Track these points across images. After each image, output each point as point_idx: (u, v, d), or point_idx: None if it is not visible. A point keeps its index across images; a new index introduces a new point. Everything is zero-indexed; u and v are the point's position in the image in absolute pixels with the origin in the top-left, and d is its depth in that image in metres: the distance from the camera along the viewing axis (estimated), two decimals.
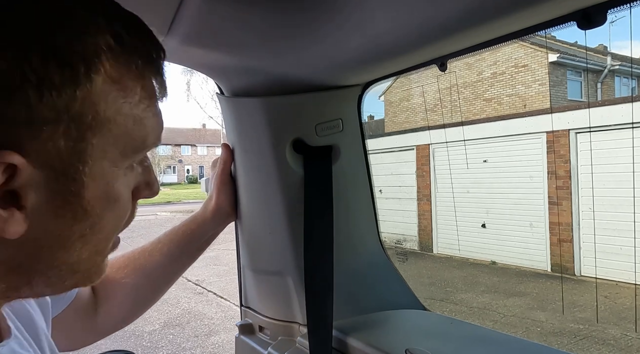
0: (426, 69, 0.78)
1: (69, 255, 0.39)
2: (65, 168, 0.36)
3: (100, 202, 0.39)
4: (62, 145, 0.35)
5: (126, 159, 0.41)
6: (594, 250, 7.31)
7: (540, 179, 8.45)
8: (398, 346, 0.83)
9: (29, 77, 0.32)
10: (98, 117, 0.37)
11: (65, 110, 0.34)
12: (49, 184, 0.35)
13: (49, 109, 0.34)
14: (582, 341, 5.25)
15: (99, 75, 0.36)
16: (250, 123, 0.89)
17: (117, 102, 0.38)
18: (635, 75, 14.63)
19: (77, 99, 0.35)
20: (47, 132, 0.34)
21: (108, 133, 0.38)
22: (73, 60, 0.35)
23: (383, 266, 1.06)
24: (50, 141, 0.34)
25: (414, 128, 12.79)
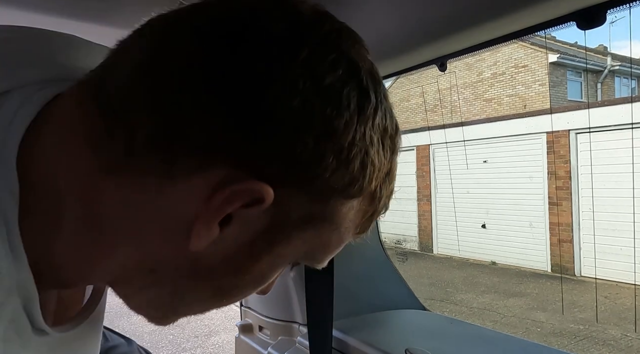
0: (426, 69, 0.79)
1: (197, 295, 0.36)
2: (279, 231, 0.34)
3: (261, 273, 0.36)
4: (300, 215, 0.33)
5: (311, 247, 0.37)
6: (594, 250, 7.31)
7: (540, 179, 8.45)
8: (398, 346, 0.83)
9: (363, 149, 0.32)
10: (323, 218, 0.35)
11: (338, 172, 0.32)
12: (255, 231, 0.33)
13: (341, 181, 0.32)
14: (582, 341, 5.24)
15: (377, 177, 0.36)
16: None
17: (343, 223, 0.36)
18: (635, 75, 14.63)
19: (331, 199, 0.33)
20: (316, 199, 0.33)
21: (312, 232, 0.35)
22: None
23: (383, 266, 1.06)
24: (300, 207, 0.33)
25: (414, 128, 12.79)
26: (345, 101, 0.31)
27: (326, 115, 0.30)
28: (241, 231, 0.32)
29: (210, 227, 0.31)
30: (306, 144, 0.30)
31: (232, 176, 0.29)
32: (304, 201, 0.32)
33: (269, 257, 0.35)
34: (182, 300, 0.36)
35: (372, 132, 0.33)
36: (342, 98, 0.31)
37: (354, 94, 0.32)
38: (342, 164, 0.31)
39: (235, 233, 0.32)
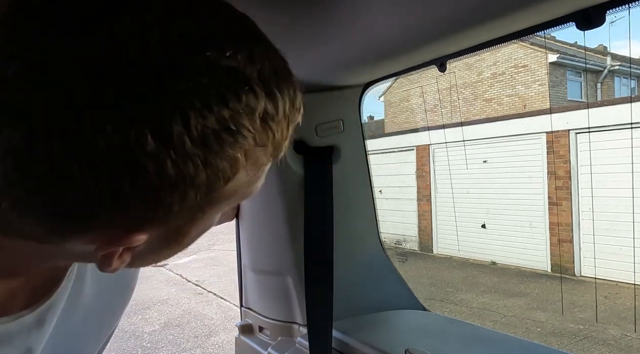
0: (426, 70, 0.79)
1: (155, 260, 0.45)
2: (179, 229, 0.40)
3: (197, 235, 0.44)
4: (182, 221, 0.39)
5: (234, 204, 0.43)
6: (594, 250, 7.31)
7: (540, 179, 8.45)
8: (398, 346, 0.83)
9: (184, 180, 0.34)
10: (223, 197, 0.38)
11: (202, 198, 0.35)
12: (159, 238, 0.39)
13: (187, 207, 0.35)
14: (582, 341, 5.24)
15: (245, 161, 0.36)
16: None
17: (245, 180, 0.39)
18: (635, 75, 14.63)
19: (216, 188, 0.36)
20: (178, 216, 0.37)
21: (225, 202, 0.40)
22: (225, 146, 0.34)
23: (383, 266, 1.06)
24: (175, 221, 0.38)
25: (414, 129, 12.79)
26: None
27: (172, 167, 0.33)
28: (147, 244, 0.38)
29: (111, 263, 0.38)
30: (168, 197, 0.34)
31: (109, 237, 0.36)
32: (190, 206, 0.36)
33: (190, 235, 0.42)
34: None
35: (209, 141, 0.33)
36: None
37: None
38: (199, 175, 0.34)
39: (143, 247, 0.39)
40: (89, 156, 0.30)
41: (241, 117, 0.34)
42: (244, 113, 0.34)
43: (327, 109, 0.88)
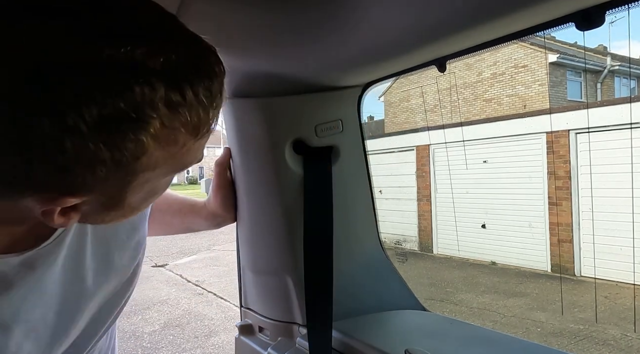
0: (426, 70, 0.79)
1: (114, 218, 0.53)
2: (113, 195, 0.47)
3: (141, 202, 0.51)
4: (112, 189, 0.45)
5: (168, 176, 0.50)
6: (594, 250, 7.31)
7: (540, 179, 8.45)
8: (397, 347, 0.83)
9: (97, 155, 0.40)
10: (143, 170, 0.44)
11: (115, 172, 0.42)
12: (100, 204, 0.47)
13: (103, 172, 0.42)
14: (582, 341, 5.24)
15: (151, 139, 0.41)
16: (250, 124, 0.89)
17: (167, 153, 0.45)
18: (635, 75, 14.63)
19: (123, 162, 0.42)
20: (99, 186, 0.43)
21: (150, 173, 0.46)
22: (125, 130, 0.40)
23: (383, 266, 1.06)
24: (103, 188, 0.44)
25: (413, 129, 12.79)
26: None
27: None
28: (90, 206, 0.47)
29: (52, 219, 0.45)
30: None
31: (45, 198, 0.43)
32: (107, 178, 0.43)
33: (130, 201, 0.49)
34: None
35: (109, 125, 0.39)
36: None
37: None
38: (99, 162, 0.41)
39: (87, 209, 0.47)
40: (9, 139, 0.38)
41: (140, 105, 0.39)
42: (142, 102, 0.39)
43: (327, 109, 0.88)
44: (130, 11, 0.41)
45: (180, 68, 0.41)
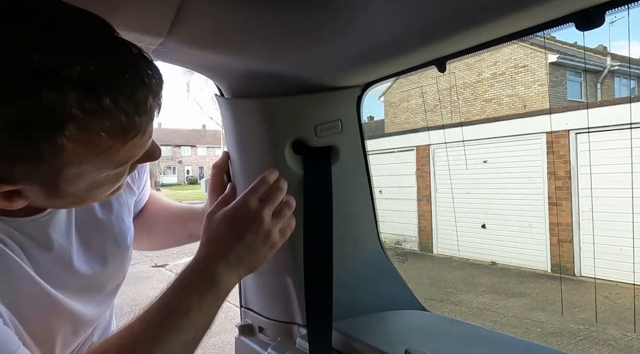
0: (426, 70, 0.79)
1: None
2: (47, 186, 0.50)
3: (82, 192, 0.54)
4: (43, 181, 0.49)
5: (106, 171, 0.53)
6: (594, 250, 7.31)
7: (540, 179, 8.45)
8: (397, 347, 0.83)
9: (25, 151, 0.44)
10: (67, 166, 0.48)
11: (36, 167, 0.46)
12: (40, 192, 0.51)
13: (22, 167, 0.46)
14: (582, 341, 5.24)
15: (68, 141, 0.44)
16: (250, 124, 0.89)
17: (89, 154, 0.48)
18: (635, 75, 14.63)
19: (43, 161, 0.45)
20: (25, 176, 0.48)
21: (78, 168, 0.49)
22: (40, 131, 0.43)
23: (383, 266, 1.06)
24: (32, 179, 0.48)
25: (414, 129, 12.79)
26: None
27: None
28: (33, 194, 0.51)
29: (5, 201, 0.50)
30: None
31: None
32: (32, 171, 0.47)
33: (69, 192, 0.52)
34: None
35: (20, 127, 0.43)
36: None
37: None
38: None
39: (32, 196, 0.51)
40: None
41: (51, 110, 0.42)
42: (53, 107, 0.42)
43: (326, 109, 0.88)
44: (59, 19, 0.44)
45: (100, 76, 0.44)
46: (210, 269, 0.65)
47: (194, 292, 0.63)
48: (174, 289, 0.63)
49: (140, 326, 0.59)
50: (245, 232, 0.68)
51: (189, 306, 0.61)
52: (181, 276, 0.65)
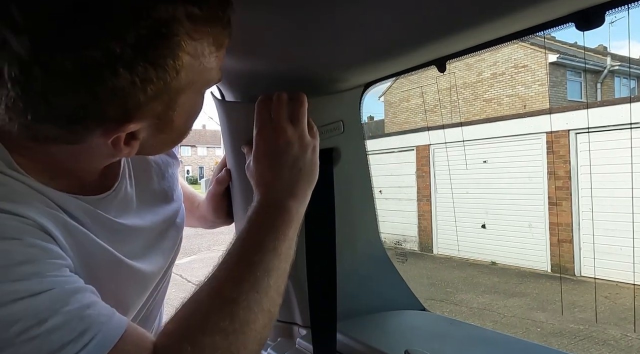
0: (426, 70, 0.79)
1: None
2: (162, 116, 0.52)
3: (185, 123, 0.57)
4: (160, 108, 0.50)
5: (200, 94, 0.57)
6: (594, 250, 7.31)
7: (540, 179, 8.45)
8: (397, 347, 0.83)
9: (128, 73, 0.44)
10: (184, 85, 0.50)
11: (162, 89, 0.47)
12: (152, 128, 0.53)
13: (153, 95, 0.47)
14: (582, 341, 5.25)
15: (184, 53, 0.47)
16: (250, 126, 0.89)
17: (199, 65, 0.50)
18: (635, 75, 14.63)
19: (168, 82, 0.47)
20: (153, 105, 0.49)
21: (191, 88, 0.52)
22: (162, 47, 0.45)
23: (383, 267, 1.06)
24: (155, 108, 0.49)
25: (413, 129, 12.79)
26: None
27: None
28: (146, 131, 0.53)
29: (120, 148, 0.52)
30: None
31: (109, 128, 0.49)
32: (157, 96, 0.48)
33: (177, 121, 0.54)
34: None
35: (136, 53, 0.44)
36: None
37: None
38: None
39: (144, 134, 0.53)
40: (61, 75, 0.42)
41: (167, 22, 0.44)
42: (168, 18, 0.44)
43: (328, 111, 0.88)
44: None
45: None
46: (275, 204, 0.66)
47: (269, 229, 0.63)
48: (249, 233, 0.64)
49: (226, 272, 0.60)
50: (282, 154, 0.68)
51: (268, 241, 0.62)
52: (250, 223, 0.65)
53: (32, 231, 0.49)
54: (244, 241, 0.63)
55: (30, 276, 0.46)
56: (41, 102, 0.43)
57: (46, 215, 0.52)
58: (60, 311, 0.45)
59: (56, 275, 0.48)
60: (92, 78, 0.42)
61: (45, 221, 0.51)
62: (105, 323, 0.48)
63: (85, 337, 0.45)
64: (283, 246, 0.63)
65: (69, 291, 0.48)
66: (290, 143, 0.68)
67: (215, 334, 0.52)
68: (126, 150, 0.53)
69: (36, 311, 0.44)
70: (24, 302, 0.44)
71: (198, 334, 0.51)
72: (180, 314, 0.54)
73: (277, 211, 0.65)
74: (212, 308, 0.54)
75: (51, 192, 0.55)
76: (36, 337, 0.43)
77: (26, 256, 0.46)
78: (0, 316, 0.43)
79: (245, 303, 0.55)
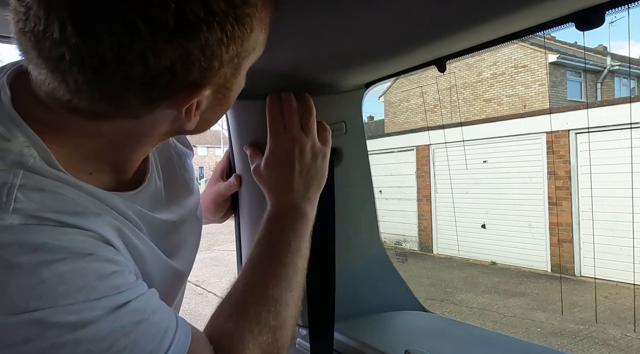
0: (426, 70, 0.79)
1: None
2: (226, 84, 0.51)
3: (234, 97, 0.57)
4: (229, 74, 0.50)
5: (249, 68, 0.56)
6: (594, 250, 7.31)
7: (540, 179, 8.45)
8: (397, 348, 0.83)
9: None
10: (250, 49, 0.50)
11: (239, 49, 0.47)
12: (215, 95, 0.51)
13: (229, 57, 0.47)
14: (582, 341, 5.25)
15: (256, 21, 0.47)
16: (255, 126, 0.89)
17: (260, 32, 0.50)
18: (635, 75, 14.63)
19: (243, 44, 0.47)
20: (225, 69, 0.48)
21: (252, 55, 0.52)
22: (247, 5, 0.45)
23: (383, 267, 1.06)
24: (225, 73, 0.49)
25: (413, 129, 12.79)
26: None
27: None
28: (208, 101, 0.51)
29: (191, 117, 0.50)
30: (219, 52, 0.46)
31: (185, 95, 0.47)
32: (230, 59, 0.47)
33: (233, 90, 0.55)
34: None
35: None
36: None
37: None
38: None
39: (205, 105, 0.51)
40: (163, 30, 0.40)
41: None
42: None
43: (330, 111, 0.88)
44: None
45: None
46: (295, 208, 0.72)
47: (293, 231, 0.69)
48: (276, 235, 0.69)
49: (263, 273, 0.64)
50: (297, 163, 0.74)
51: (294, 243, 0.68)
52: (273, 227, 0.70)
53: (99, 244, 0.48)
54: (273, 243, 0.67)
55: (110, 291, 0.45)
56: (138, 62, 0.41)
57: (103, 223, 0.50)
58: (142, 322, 0.46)
59: (131, 285, 0.48)
60: (190, 33, 0.41)
61: (105, 231, 0.49)
62: (179, 325, 0.50)
63: (165, 342, 0.47)
64: (304, 247, 0.69)
65: (143, 300, 0.48)
66: (304, 151, 0.74)
67: (268, 332, 0.57)
68: (194, 120, 0.51)
69: (121, 325, 0.44)
70: (109, 318, 0.44)
71: (255, 333, 0.56)
72: (234, 313, 0.58)
73: (297, 214, 0.72)
74: (262, 308, 0.59)
75: (99, 192, 0.52)
76: (124, 349, 0.44)
77: (101, 271, 0.46)
78: (88, 336, 0.42)
79: (284, 301, 0.61)
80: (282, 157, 0.74)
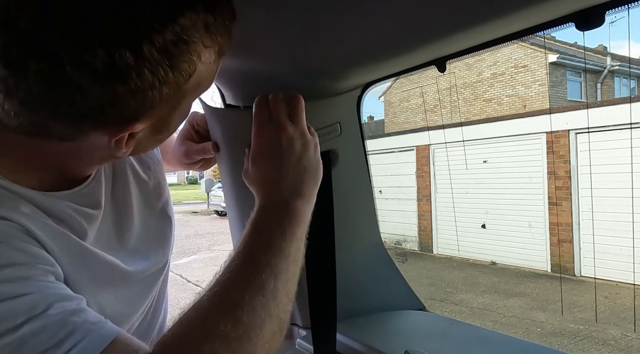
0: (426, 70, 0.79)
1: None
2: (164, 119, 0.53)
3: (177, 125, 0.59)
4: (165, 112, 0.52)
5: (197, 98, 0.57)
6: (594, 250, 7.31)
7: (540, 179, 8.45)
8: (398, 347, 0.83)
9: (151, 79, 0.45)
10: (191, 88, 0.51)
11: (174, 92, 0.48)
12: (153, 127, 0.53)
13: (165, 98, 0.48)
14: (582, 341, 5.24)
15: (199, 62, 0.48)
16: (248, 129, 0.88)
17: (205, 71, 0.51)
18: (635, 75, 14.63)
19: (181, 87, 0.49)
20: (160, 110, 0.50)
21: (194, 92, 0.53)
22: (183, 52, 0.46)
23: (384, 267, 1.06)
24: (161, 111, 0.50)
25: (413, 129, 12.78)
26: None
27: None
28: (144, 132, 0.53)
29: (121, 147, 0.52)
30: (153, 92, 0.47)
31: (117, 127, 0.49)
32: (167, 99, 0.49)
33: (173, 122, 0.57)
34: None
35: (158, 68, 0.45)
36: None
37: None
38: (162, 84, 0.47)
39: (141, 135, 0.53)
40: (91, 73, 0.42)
41: (189, 29, 0.45)
42: (191, 26, 0.46)
43: (325, 113, 0.88)
44: None
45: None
46: (281, 204, 0.62)
47: (276, 229, 0.59)
48: (254, 234, 0.60)
49: (229, 274, 0.55)
50: (285, 152, 0.64)
51: (275, 242, 0.58)
52: (254, 224, 0.61)
53: (18, 235, 0.49)
54: (249, 242, 0.58)
55: (12, 279, 0.45)
56: (64, 99, 0.43)
57: (33, 220, 0.52)
58: (40, 316, 0.44)
59: (40, 280, 0.47)
60: (118, 78, 0.43)
61: (32, 226, 0.51)
62: (92, 331, 0.46)
63: (67, 344, 0.44)
64: (291, 248, 0.59)
65: (51, 297, 0.47)
66: (292, 140, 0.65)
67: (215, 340, 0.47)
68: (125, 149, 0.52)
69: (14, 315, 0.43)
70: (3, 305, 0.43)
71: (196, 340, 0.47)
72: (179, 320, 0.51)
73: (283, 210, 0.61)
74: (212, 312, 0.50)
75: (37, 196, 0.54)
76: (12, 342, 0.42)
77: (10, 259, 0.46)
78: None
79: (249, 307, 0.51)
80: (268, 149, 0.65)
